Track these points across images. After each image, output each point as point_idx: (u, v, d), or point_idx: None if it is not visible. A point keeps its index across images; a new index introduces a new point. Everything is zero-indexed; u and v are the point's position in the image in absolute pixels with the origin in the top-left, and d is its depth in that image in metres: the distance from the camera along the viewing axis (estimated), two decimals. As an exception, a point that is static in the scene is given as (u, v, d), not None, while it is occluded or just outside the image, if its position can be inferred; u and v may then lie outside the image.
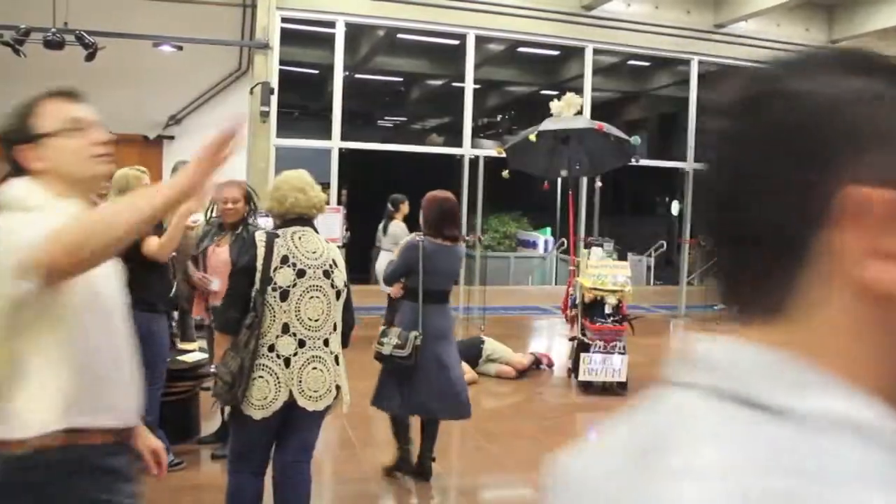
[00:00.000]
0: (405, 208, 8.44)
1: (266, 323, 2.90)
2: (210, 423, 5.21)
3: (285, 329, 2.91)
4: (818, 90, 0.52)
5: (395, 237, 7.87)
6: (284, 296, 2.91)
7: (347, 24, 10.15)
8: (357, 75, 11.51)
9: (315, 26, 10.29)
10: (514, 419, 5.62)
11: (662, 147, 13.74)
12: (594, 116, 9.94)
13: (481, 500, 3.66)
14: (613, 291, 6.49)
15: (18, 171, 1.70)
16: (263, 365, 2.88)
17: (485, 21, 10.56)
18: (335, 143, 10.14)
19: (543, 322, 9.91)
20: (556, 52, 12.03)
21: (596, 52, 11.27)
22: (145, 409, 3.49)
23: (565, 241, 10.84)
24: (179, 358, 4.89)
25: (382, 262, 7.86)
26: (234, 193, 4.31)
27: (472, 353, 6.87)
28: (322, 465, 4.53)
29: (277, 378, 2.89)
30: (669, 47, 11.50)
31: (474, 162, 10.57)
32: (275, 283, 2.90)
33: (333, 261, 3.08)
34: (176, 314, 5.41)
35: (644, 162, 9.67)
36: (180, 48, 9.56)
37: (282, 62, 9.93)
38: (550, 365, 7.40)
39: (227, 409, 2.94)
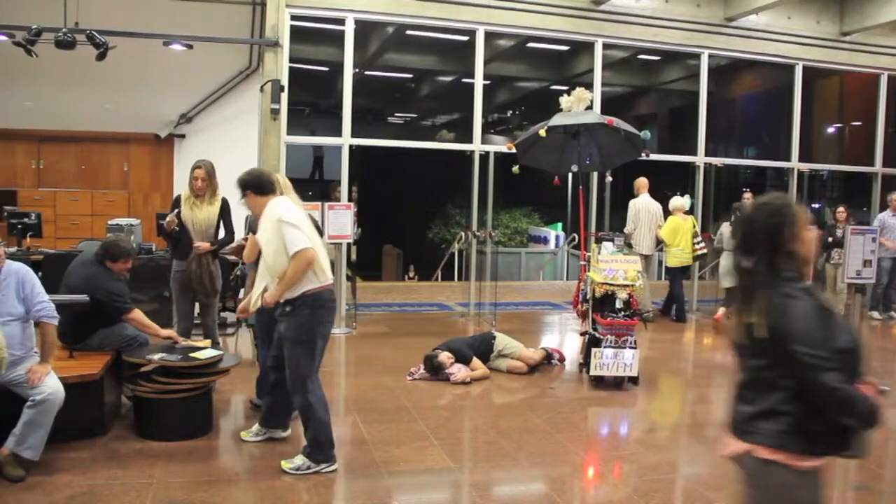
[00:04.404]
0: None
1: None
2: (225, 420, 5.26)
3: None
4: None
5: (721, 237, 9.29)
6: None
7: (357, 21, 10.17)
8: (367, 72, 11.52)
9: (325, 24, 10.32)
10: (525, 414, 5.63)
11: (673, 141, 13.67)
12: (604, 111, 9.92)
13: (493, 494, 3.66)
14: (624, 286, 6.48)
15: None
16: None
17: (494, 17, 10.56)
18: (346, 140, 10.17)
19: (555, 317, 9.90)
20: (565, 48, 12.01)
21: (605, 46, 11.24)
22: None
23: (576, 237, 10.82)
24: (192, 355, 4.94)
25: (724, 263, 9.23)
26: None
27: (484, 348, 6.88)
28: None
29: None
30: (679, 41, 11.45)
31: (484, 157, 10.59)
32: None
33: None
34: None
35: (654, 156, 9.64)
36: (191, 47, 9.60)
37: (292, 60, 9.97)
38: (562, 360, 7.40)
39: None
